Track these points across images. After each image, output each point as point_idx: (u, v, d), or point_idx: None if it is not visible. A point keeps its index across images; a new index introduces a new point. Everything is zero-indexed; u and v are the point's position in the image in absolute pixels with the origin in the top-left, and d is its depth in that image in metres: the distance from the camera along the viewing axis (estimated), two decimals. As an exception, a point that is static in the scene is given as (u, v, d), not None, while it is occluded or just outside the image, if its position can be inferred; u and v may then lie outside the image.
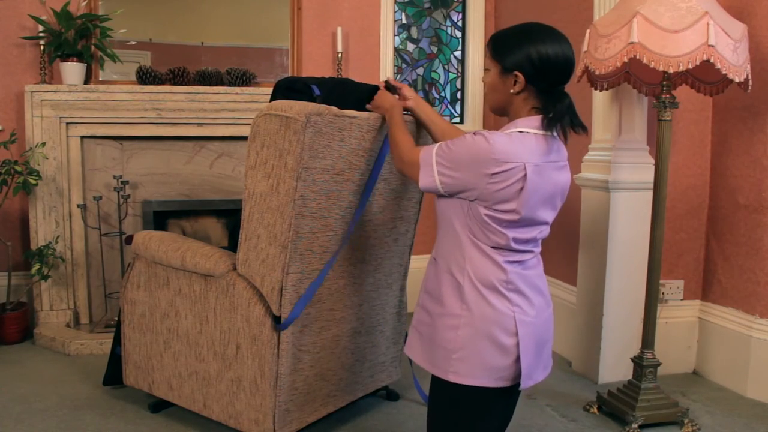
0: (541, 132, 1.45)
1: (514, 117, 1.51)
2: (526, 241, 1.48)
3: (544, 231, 1.52)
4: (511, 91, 1.47)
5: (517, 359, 1.45)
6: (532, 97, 1.47)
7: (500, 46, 1.50)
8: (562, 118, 1.44)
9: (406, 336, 2.50)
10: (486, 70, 1.55)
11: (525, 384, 1.47)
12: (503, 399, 1.53)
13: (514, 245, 1.45)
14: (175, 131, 3.28)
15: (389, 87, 1.98)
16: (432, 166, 1.47)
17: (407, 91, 1.97)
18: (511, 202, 1.40)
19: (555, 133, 1.47)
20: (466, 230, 1.46)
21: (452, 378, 1.46)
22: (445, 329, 1.48)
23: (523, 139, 1.42)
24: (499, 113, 1.57)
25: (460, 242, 1.47)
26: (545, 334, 1.54)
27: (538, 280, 1.53)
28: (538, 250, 1.54)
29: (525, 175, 1.38)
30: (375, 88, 2.02)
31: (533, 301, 1.49)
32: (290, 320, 1.91)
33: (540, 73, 1.43)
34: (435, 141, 1.92)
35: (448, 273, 1.50)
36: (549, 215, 1.50)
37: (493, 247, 1.45)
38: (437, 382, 1.52)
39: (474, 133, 1.43)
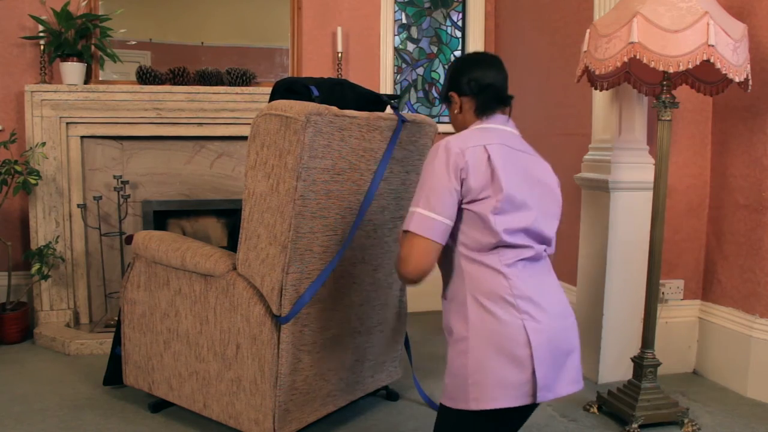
0: (491, 125, 1.56)
1: None
2: (518, 232, 1.44)
3: (539, 221, 1.48)
4: (455, 111, 1.65)
5: (533, 372, 1.38)
6: (472, 106, 1.62)
7: (441, 91, 1.75)
8: (490, 101, 1.59)
9: (407, 336, 2.51)
10: None
11: (543, 397, 1.40)
12: (519, 412, 1.47)
13: (506, 238, 1.42)
14: (175, 131, 3.28)
15: None
16: (426, 218, 1.42)
17: None
18: (490, 184, 1.44)
19: (509, 128, 1.58)
20: (458, 246, 1.46)
21: (473, 406, 1.40)
22: (456, 356, 1.43)
23: (476, 131, 1.54)
24: None
25: (457, 264, 1.46)
26: (565, 343, 1.46)
27: (547, 285, 1.48)
28: (541, 248, 1.50)
29: (488, 156, 1.45)
30: (377, 95, 2.09)
31: (544, 307, 1.43)
32: (292, 314, 1.91)
33: (465, 83, 1.61)
34: None
35: (452, 301, 1.48)
36: (535, 203, 1.49)
37: (488, 251, 1.43)
38: (453, 412, 1.45)
39: (428, 155, 1.50)
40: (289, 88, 2.03)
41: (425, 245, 1.42)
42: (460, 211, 1.45)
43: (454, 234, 1.46)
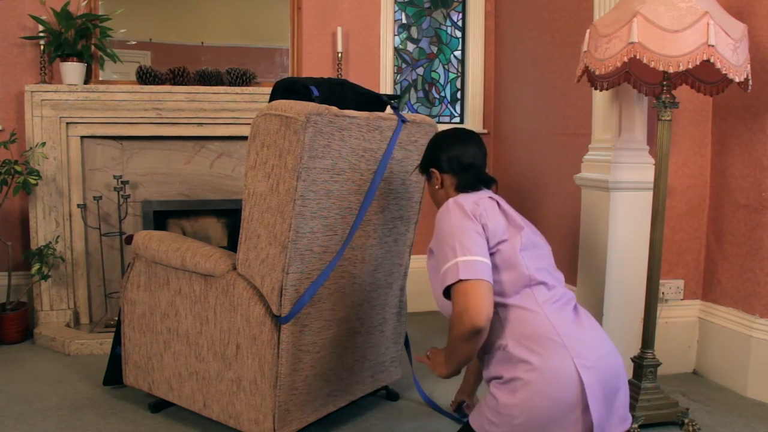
0: (476, 193, 1.67)
1: None
2: (542, 269, 1.49)
3: (551, 263, 1.55)
4: (437, 186, 1.78)
5: (586, 409, 1.35)
6: (453, 182, 1.75)
7: (421, 165, 1.88)
8: (468, 183, 1.71)
9: (407, 336, 2.51)
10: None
11: None
12: None
13: (536, 275, 1.44)
14: (175, 131, 3.28)
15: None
16: (469, 262, 1.41)
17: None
18: (508, 225, 1.53)
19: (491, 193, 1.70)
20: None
21: None
22: (503, 395, 1.40)
23: (466, 195, 1.65)
24: None
25: (493, 316, 1.44)
26: (614, 381, 1.43)
27: (588, 324, 1.47)
28: (565, 289, 1.52)
29: (497, 203, 1.60)
30: (377, 95, 2.13)
31: (590, 345, 1.41)
32: (292, 314, 1.91)
33: (445, 161, 1.75)
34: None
35: (495, 349, 1.45)
36: (540, 242, 1.59)
37: (520, 293, 1.43)
38: None
39: (439, 221, 1.56)
40: (289, 88, 2.03)
41: (481, 287, 1.37)
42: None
43: None
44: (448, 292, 1.45)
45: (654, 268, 2.32)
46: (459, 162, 1.74)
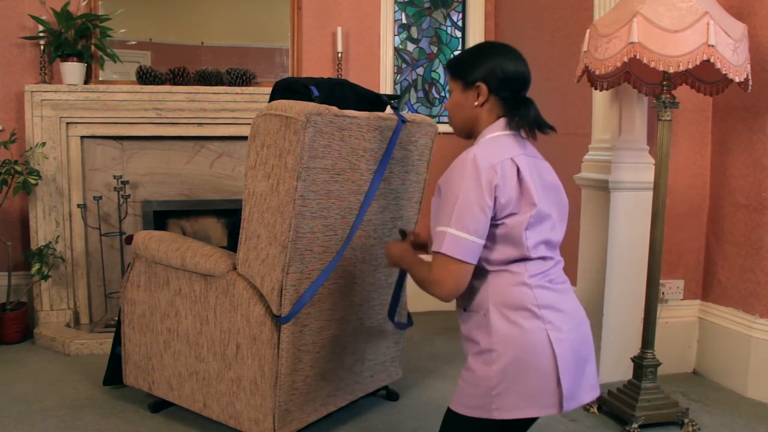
0: (509, 132, 1.46)
1: (480, 133, 1.49)
2: (541, 244, 1.43)
3: (555, 229, 1.47)
4: (475, 103, 1.47)
5: (559, 382, 1.37)
6: (496, 107, 1.48)
7: (459, 65, 1.51)
8: (528, 121, 1.46)
9: (402, 280, 2.43)
10: (449, 94, 1.53)
11: (569, 406, 1.39)
12: (531, 419, 1.47)
13: (531, 253, 1.40)
14: (175, 131, 3.28)
15: (402, 234, 1.79)
16: (459, 239, 1.35)
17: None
18: (519, 198, 1.39)
19: (522, 134, 1.48)
20: (482, 262, 1.41)
21: (496, 415, 1.38)
22: (480, 367, 1.41)
23: (497, 140, 1.44)
24: (464, 135, 1.54)
25: (479, 276, 1.42)
26: (584, 350, 1.45)
27: (566, 293, 1.47)
28: (557, 256, 1.49)
29: (518, 169, 1.39)
30: (377, 95, 2.02)
31: (565, 316, 1.42)
32: (292, 314, 1.91)
33: (500, 80, 1.46)
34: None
35: (474, 312, 1.45)
36: (553, 211, 1.47)
37: (511, 262, 1.40)
38: (468, 419, 1.44)
39: (452, 170, 1.40)
40: (289, 88, 2.03)
41: (460, 269, 1.36)
42: (489, 229, 1.39)
43: None
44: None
45: (654, 268, 2.31)
46: (521, 88, 1.48)
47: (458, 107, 1.52)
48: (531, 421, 1.50)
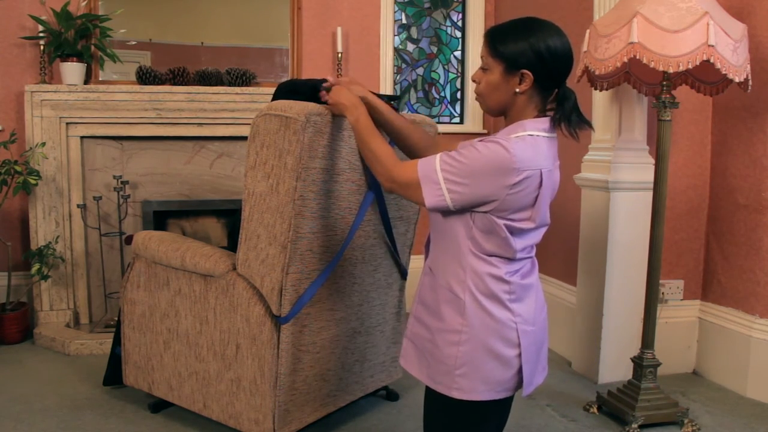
0: (549, 134, 1.40)
1: (515, 118, 1.42)
2: (530, 248, 1.45)
3: (542, 233, 1.48)
4: (517, 90, 1.38)
5: (519, 370, 1.42)
6: (536, 96, 1.40)
7: (503, 43, 1.38)
8: (570, 118, 1.39)
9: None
10: (483, 69, 1.44)
11: (527, 391, 1.44)
12: (502, 404, 1.51)
13: (517, 255, 1.40)
14: (175, 131, 3.28)
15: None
16: (438, 183, 1.34)
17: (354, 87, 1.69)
18: (527, 210, 1.37)
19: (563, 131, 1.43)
20: (469, 242, 1.40)
21: (456, 395, 1.42)
22: (446, 345, 1.43)
23: (537, 143, 1.37)
24: (496, 114, 1.48)
25: (461, 255, 1.41)
26: (543, 337, 1.51)
27: (535, 286, 1.49)
28: (533, 253, 1.51)
29: (541, 181, 1.34)
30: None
31: (533, 308, 1.45)
32: (292, 314, 1.91)
33: (548, 70, 1.37)
34: (403, 145, 1.69)
35: (446, 288, 1.44)
36: (547, 216, 1.46)
37: (496, 256, 1.40)
38: (436, 396, 1.49)
39: (482, 141, 1.34)
40: (293, 90, 2.01)
41: (417, 191, 1.38)
42: (481, 219, 1.37)
43: (467, 231, 1.40)
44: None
45: (654, 269, 2.31)
46: (566, 77, 1.40)
47: (495, 89, 1.41)
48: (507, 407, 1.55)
